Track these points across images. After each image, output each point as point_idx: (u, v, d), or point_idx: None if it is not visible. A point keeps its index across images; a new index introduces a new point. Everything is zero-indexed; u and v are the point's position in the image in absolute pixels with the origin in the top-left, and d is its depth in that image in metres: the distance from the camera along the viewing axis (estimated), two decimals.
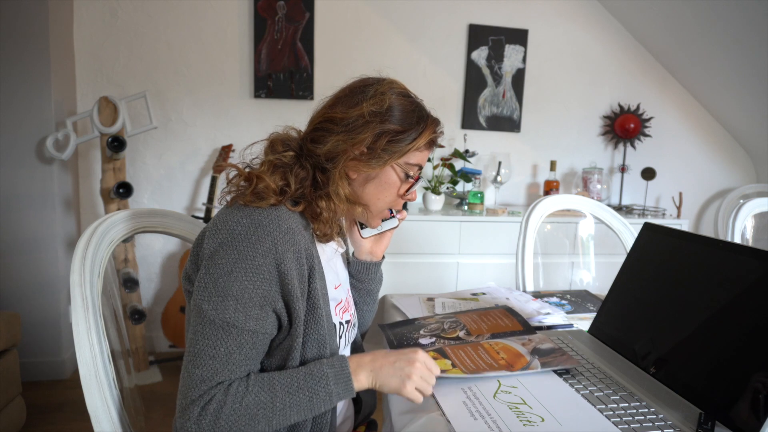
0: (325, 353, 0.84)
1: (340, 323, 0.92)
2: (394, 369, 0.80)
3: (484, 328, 1.11)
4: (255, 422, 0.73)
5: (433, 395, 0.83)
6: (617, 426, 0.75)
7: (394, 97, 0.86)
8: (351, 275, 1.04)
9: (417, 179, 0.92)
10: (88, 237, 0.88)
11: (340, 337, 0.92)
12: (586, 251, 2.29)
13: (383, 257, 1.06)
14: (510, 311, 1.21)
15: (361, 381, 0.80)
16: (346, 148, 0.84)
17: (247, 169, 0.85)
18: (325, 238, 0.88)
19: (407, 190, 0.92)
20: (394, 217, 1.00)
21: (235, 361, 0.74)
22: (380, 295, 1.36)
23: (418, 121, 0.87)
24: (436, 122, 0.90)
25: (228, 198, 0.83)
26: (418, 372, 0.80)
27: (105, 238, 0.90)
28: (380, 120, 0.84)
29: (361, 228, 1.01)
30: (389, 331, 1.11)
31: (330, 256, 0.94)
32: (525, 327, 1.12)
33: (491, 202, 2.85)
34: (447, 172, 2.72)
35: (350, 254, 1.06)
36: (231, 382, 0.74)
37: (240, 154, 0.87)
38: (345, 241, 1.05)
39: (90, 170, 2.59)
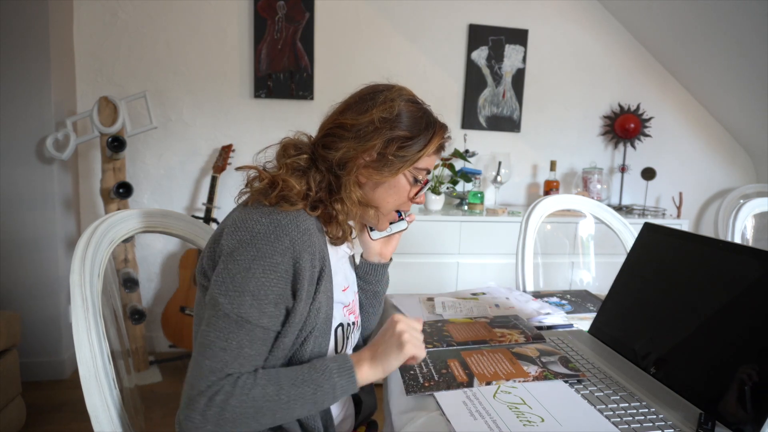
0: (316, 354, 0.85)
1: (348, 324, 0.94)
2: (387, 343, 0.82)
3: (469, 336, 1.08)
4: (260, 415, 0.74)
5: (433, 395, 0.83)
6: (617, 426, 0.75)
7: (403, 104, 0.88)
8: (359, 277, 1.06)
9: (425, 183, 0.94)
10: (88, 237, 0.88)
11: (347, 338, 0.94)
12: (586, 251, 2.29)
13: (391, 259, 1.08)
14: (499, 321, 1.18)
15: (364, 372, 0.81)
16: (357, 155, 0.86)
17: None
18: (339, 241, 0.90)
19: (416, 194, 0.94)
20: (403, 219, 1.02)
21: (245, 355, 0.75)
22: None
23: (427, 127, 0.89)
24: (444, 128, 0.93)
25: (245, 197, 0.86)
26: (406, 332, 0.82)
27: (105, 238, 0.90)
28: (390, 126, 0.86)
29: (371, 230, 1.03)
30: None
31: (340, 258, 0.95)
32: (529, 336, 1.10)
33: (491, 202, 2.85)
34: (447, 172, 2.72)
35: (357, 256, 1.08)
36: (239, 375, 0.75)
37: (254, 158, 0.89)
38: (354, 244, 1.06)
39: (90, 170, 2.59)
